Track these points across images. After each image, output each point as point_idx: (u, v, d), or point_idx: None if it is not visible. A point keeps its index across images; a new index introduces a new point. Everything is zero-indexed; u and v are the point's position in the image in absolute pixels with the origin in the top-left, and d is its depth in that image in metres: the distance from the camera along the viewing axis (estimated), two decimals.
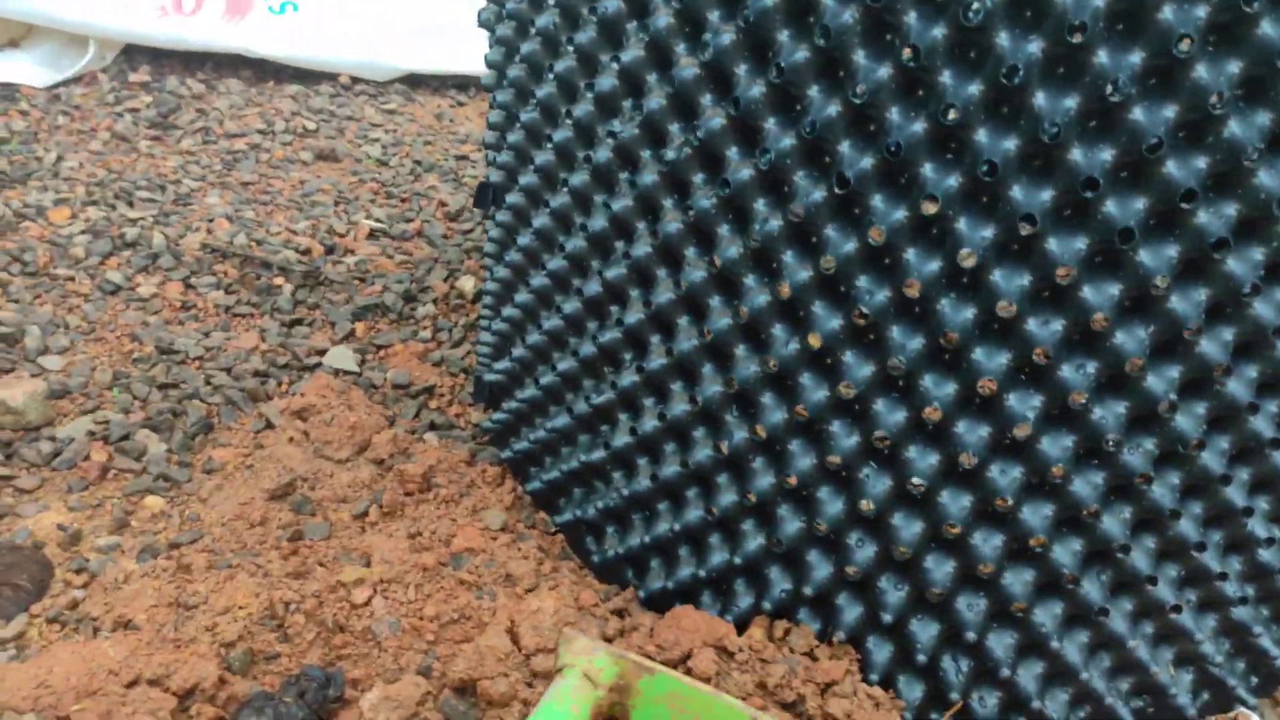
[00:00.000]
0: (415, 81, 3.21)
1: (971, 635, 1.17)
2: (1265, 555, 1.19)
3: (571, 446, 1.46)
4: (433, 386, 1.82)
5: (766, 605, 1.25)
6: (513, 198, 1.50)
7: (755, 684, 1.19)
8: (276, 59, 3.00)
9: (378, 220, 2.39)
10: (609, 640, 1.26)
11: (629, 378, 1.30)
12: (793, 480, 1.19)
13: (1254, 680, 1.33)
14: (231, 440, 1.66)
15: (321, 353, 1.89)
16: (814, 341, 1.13)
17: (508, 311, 1.54)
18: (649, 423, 1.30)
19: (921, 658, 1.19)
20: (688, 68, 1.11)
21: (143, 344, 1.82)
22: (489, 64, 1.55)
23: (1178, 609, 1.18)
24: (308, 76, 3.07)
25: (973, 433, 1.11)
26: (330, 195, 2.46)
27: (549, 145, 1.36)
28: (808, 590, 1.22)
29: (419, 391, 1.80)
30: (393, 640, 1.26)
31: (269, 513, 1.47)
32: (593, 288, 1.31)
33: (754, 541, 1.25)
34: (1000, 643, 1.19)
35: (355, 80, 3.11)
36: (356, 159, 2.70)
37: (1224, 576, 1.17)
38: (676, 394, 1.27)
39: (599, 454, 1.38)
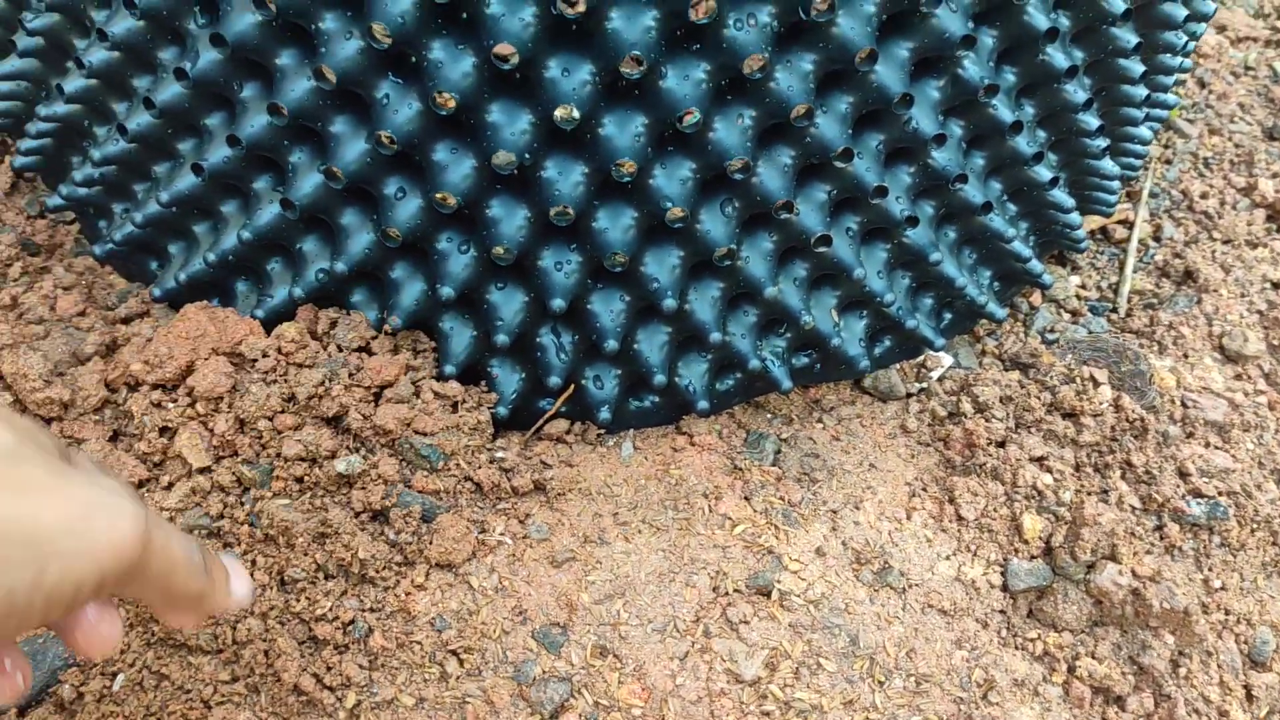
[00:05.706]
0: None
1: (559, 302, 0.87)
2: (938, 158, 0.90)
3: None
4: None
5: (299, 292, 0.92)
6: None
7: (283, 398, 0.88)
8: None
9: None
10: (85, 361, 0.92)
11: None
12: (285, 110, 0.82)
13: (946, 318, 1.10)
14: None
15: None
16: None
17: None
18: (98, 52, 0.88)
19: (504, 337, 0.90)
20: None
21: None
22: None
23: (826, 240, 0.90)
24: None
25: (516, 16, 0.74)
26: None
27: None
28: (341, 265, 0.89)
29: None
30: None
31: None
32: None
33: (269, 207, 0.89)
34: (607, 307, 0.90)
35: None
36: None
37: (884, 193, 0.89)
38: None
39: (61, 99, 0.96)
